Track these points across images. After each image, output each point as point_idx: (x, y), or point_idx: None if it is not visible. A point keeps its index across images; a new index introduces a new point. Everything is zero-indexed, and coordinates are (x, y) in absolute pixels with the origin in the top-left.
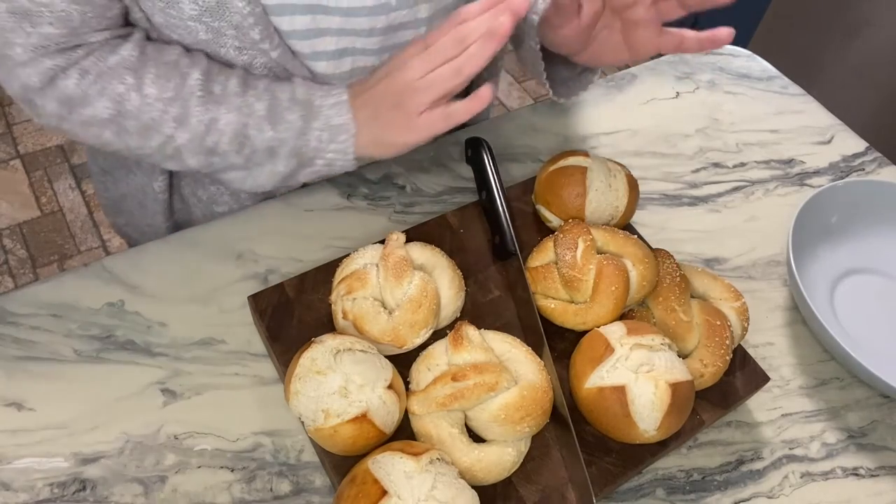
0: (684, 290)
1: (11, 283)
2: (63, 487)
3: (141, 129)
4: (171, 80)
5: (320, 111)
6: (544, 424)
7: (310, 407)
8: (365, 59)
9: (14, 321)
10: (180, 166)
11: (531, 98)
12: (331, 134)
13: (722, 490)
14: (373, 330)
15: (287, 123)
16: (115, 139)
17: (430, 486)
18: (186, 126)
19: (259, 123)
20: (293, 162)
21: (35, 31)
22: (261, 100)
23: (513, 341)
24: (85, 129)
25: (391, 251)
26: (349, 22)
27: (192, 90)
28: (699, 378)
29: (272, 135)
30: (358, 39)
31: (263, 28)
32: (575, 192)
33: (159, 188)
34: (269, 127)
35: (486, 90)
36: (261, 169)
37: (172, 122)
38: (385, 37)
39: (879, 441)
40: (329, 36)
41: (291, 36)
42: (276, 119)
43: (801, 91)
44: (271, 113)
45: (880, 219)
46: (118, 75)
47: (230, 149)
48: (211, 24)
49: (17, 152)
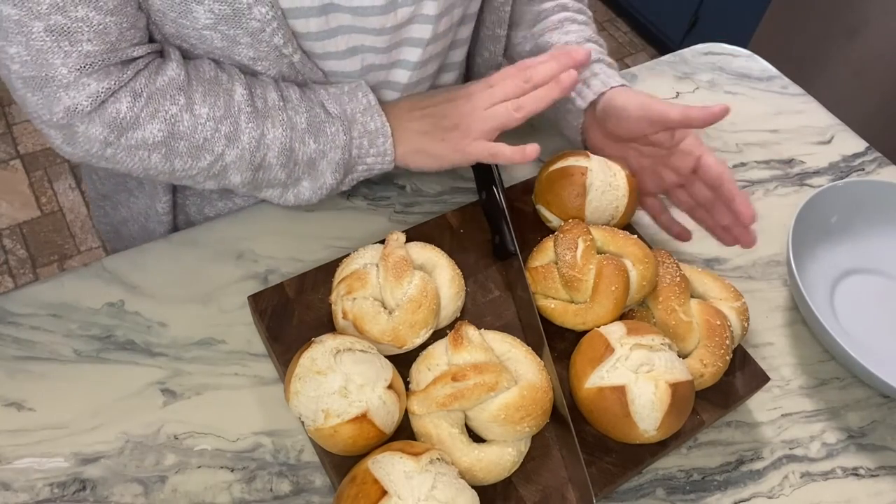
0: (684, 290)
1: (11, 283)
2: (63, 487)
3: (192, 149)
4: (218, 97)
5: (354, 118)
6: (544, 424)
7: (310, 407)
8: (374, 57)
9: (14, 321)
10: (219, 185)
11: None
12: (370, 139)
13: (722, 490)
14: (373, 330)
15: (327, 136)
16: (163, 162)
17: (430, 486)
18: (237, 143)
19: (302, 136)
20: (340, 173)
21: (74, 50)
22: (299, 113)
23: (513, 341)
24: (131, 154)
25: (391, 251)
26: (359, 20)
27: (240, 106)
28: (699, 378)
29: (314, 147)
30: (367, 37)
31: (285, 32)
32: (575, 192)
33: (163, 209)
34: (312, 140)
35: (533, 148)
36: (300, 183)
37: (224, 139)
38: (393, 35)
39: (879, 441)
40: (340, 35)
41: (306, 38)
42: (318, 132)
43: (801, 91)
44: (312, 126)
45: (880, 219)
46: (170, 96)
47: (276, 163)
48: (226, 33)
49: (17, 152)
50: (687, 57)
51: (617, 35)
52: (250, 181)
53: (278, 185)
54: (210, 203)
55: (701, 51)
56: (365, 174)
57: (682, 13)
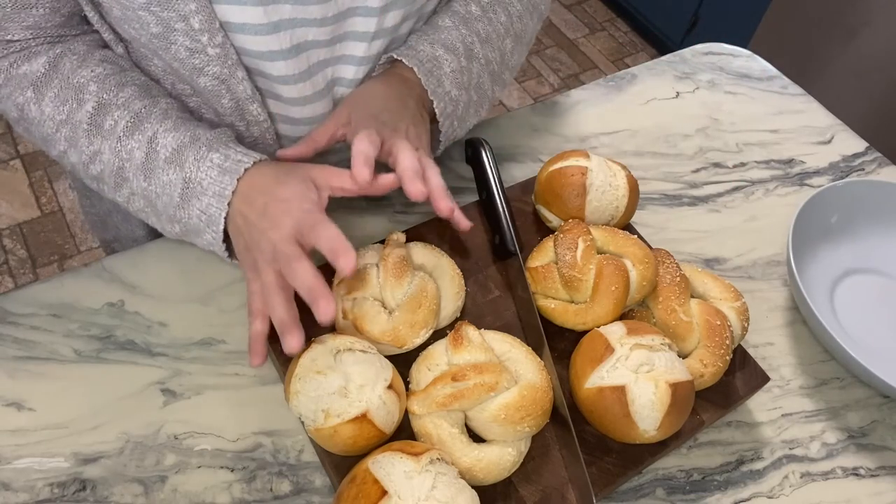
0: (684, 290)
1: (11, 283)
2: (63, 487)
3: (41, 138)
4: (67, 102)
5: (204, 193)
6: (544, 424)
7: (310, 407)
8: (319, 53)
9: (14, 321)
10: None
11: (531, 98)
12: (207, 219)
13: (722, 490)
14: (373, 330)
15: (159, 182)
16: (27, 136)
17: (430, 486)
18: (76, 149)
19: (136, 171)
20: (177, 227)
21: None
22: (140, 149)
23: (513, 341)
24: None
25: (391, 251)
26: (299, 10)
27: (80, 119)
28: (699, 378)
29: (146, 185)
30: (310, 31)
31: (204, 18)
32: (575, 192)
33: None
34: (143, 178)
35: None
36: (149, 217)
37: (64, 140)
38: (336, 25)
39: (879, 441)
40: (283, 31)
41: (244, 30)
42: (150, 174)
43: (801, 91)
44: (146, 167)
45: (880, 219)
46: (21, 87)
47: (111, 183)
48: (160, 15)
49: (17, 152)
50: (687, 57)
51: (617, 35)
52: (98, 189)
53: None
54: None
55: (701, 51)
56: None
57: (682, 13)
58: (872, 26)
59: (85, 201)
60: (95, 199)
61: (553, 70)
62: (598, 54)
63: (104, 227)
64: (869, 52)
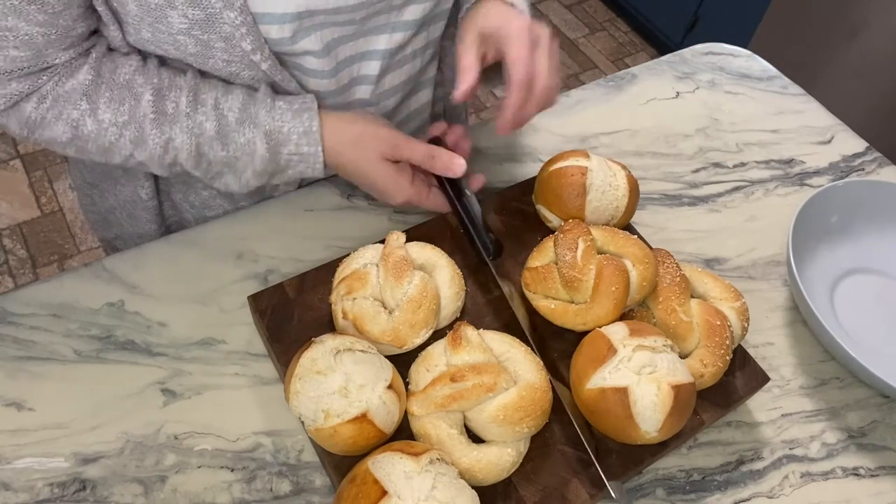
0: (684, 290)
1: (11, 283)
2: (63, 487)
3: (100, 149)
4: (124, 102)
5: (289, 139)
6: (543, 425)
7: (310, 407)
8: (344, 50)
9: (14, 321)
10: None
11: None
12: (301, 157)
13: (722, 490)
14: (373, 330)
15: (237, 145)
16: (79, 154)
17: (430, 486)
18: (144, 147)
19: (210, 143)
20: (265, 177)
21: (1, 54)
22: (209, 119)
23: (511, 341)
24: (48, 146)
25: (391, 251)
26: (331, 18)
27: (145, 112)
28: (699, 378)
29: (224, 154)
30: (337, 30)
31: (255, 38)
32: (575, 192)
33: (146, 195)
34: (220, 147)
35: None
36: (225, 177)
37: (130, 143)
38: (361, 24)
39: (879, 441)
40: (314, 33)
41: (280, 44)
42: (226, 140)
43: (801, 91)
44: (220, 134)
45: (880, 219)
46: (73, 101)
47: (188, 165)
48: (200, 38)
49: (17, 152)
50: (687, 57)
51: (617, 35)
52: (171, 174)
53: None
54: (195, 191)
55: (701, 51)
56: (298, 176)
57: (682, 13)
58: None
59: (85, 199)
60: (97, 197)
61: None
62: (598, 54)
63: (105, 226)
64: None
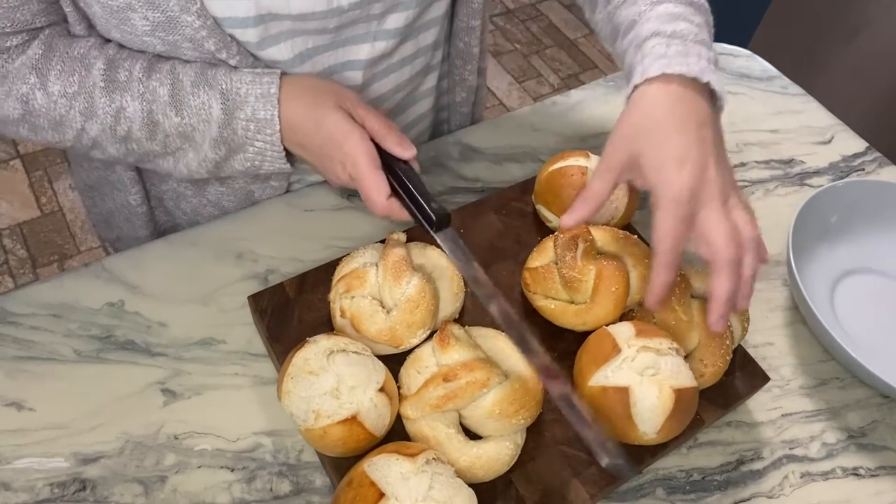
0: (684, 290)
1: (11, 283)
2: (63, 487)
3: (52, 124)
4: (74, 73)
5: (246, 101)
6: (538, 414)
7: (301, 407)
8: (322, 60)
9: (14, 321)
10: (105, 156)
11: (531, 98)
12: (257, 126)
13: (722, 490)
14: (370, 329)
15: (191, 109)
16: (32, 135)
17: (427, 486)
18: (94, 118)
19: (164, 109)
20: (221, 150)
21: None
22: (163, 84)
23: (497, 335)
24: (3, 128)
25: (391, 251)
26: (300, 26)
27: (94, 82)
28: (699, 378)
29: (178, 120)
30: (310, 39)
31: (218, 39)
32: (575, 192)
33: (135, 202)
34: (174, 112)
35: None
36: (185, 154)
37: (80, 115)
38: (337, 33)
39: (879, 441)
40: (283, 42)
41: (248, 46)
42: (180, 104)
43: (801, 91)
44: (174, 98)
45: (880, 219)
46: (22, 76)
47: (142, 136)
48: (165, 38)
49: (17, 152)
50: None
51: None
52: (126, 152)
53: (161, 155)
54: (185, 199)
55: None
56: (259, 159)
57: None
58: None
59: (88, 200)
60: (97, 199)
61: (553, 70)
62: (598, 54)
63: (107, 227)
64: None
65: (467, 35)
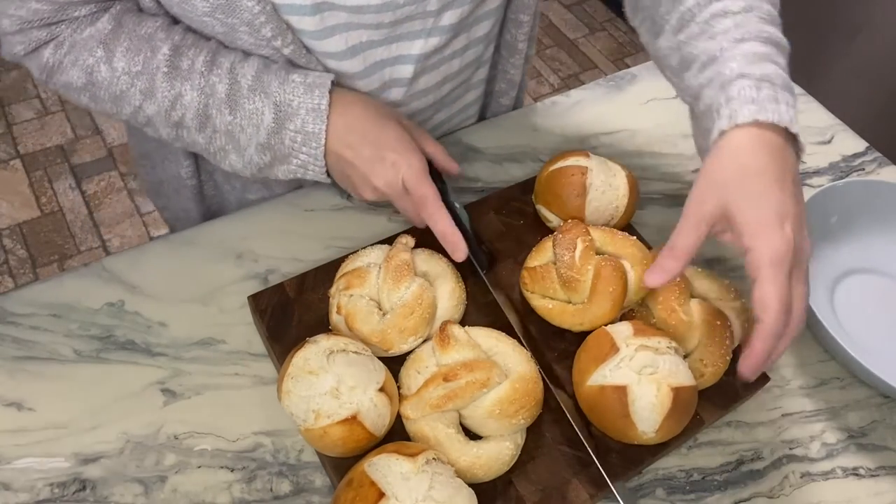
0: (684, 290)
1: (11, 283)
2: (63, 487)
3: (112, 98)
4: (140, 53)
5: (297, 112)
6: (538, 414)
7: (301, 407)
8: (375, 54)
9: (14, 321)
10: (157, 135)
11: (531, 98)
12: (304, 137)
13: (722, 490)
14: (362, 329)
15: (245, 111)
16: (93, 104)
17: (427, 486)
18: (153, 99)
19: (219, 105)
20: (266, 156)
21: (24, 6)
22: (222, 82)
23: (498, 335)
24: (66, 93)
25: (395, 254)
26: (356, 18)
27: (158, 65)
28: (699, 378)
29: (230, 119)
30: (365, 33)
31: (275, 26)
32: (575, 192)
33: (186, 174)
34: (228, 111)
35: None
36: (227, 155)
37: (140, 94)
38: (392, 28)
39: (879, 441)
40: (338, 34)
41: (303, 34)
42: (235, 105)
43: (802, 91)
44: (230, 98)
45: (880, 219)
46: (89, 48)
47: (193, 125)
48: (224, 21)
49: (17, 152)
50: None
51: (617, 35)
52: (176, 137)
53: (204, 150)
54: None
55: None
56: (301, 171)
57: None
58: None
59: (141, 168)
60: (149, 168)
61: (553, 70)
62: (598, 54)
63: (158, 195)
64: (869, 52)
65: (515, 28)
